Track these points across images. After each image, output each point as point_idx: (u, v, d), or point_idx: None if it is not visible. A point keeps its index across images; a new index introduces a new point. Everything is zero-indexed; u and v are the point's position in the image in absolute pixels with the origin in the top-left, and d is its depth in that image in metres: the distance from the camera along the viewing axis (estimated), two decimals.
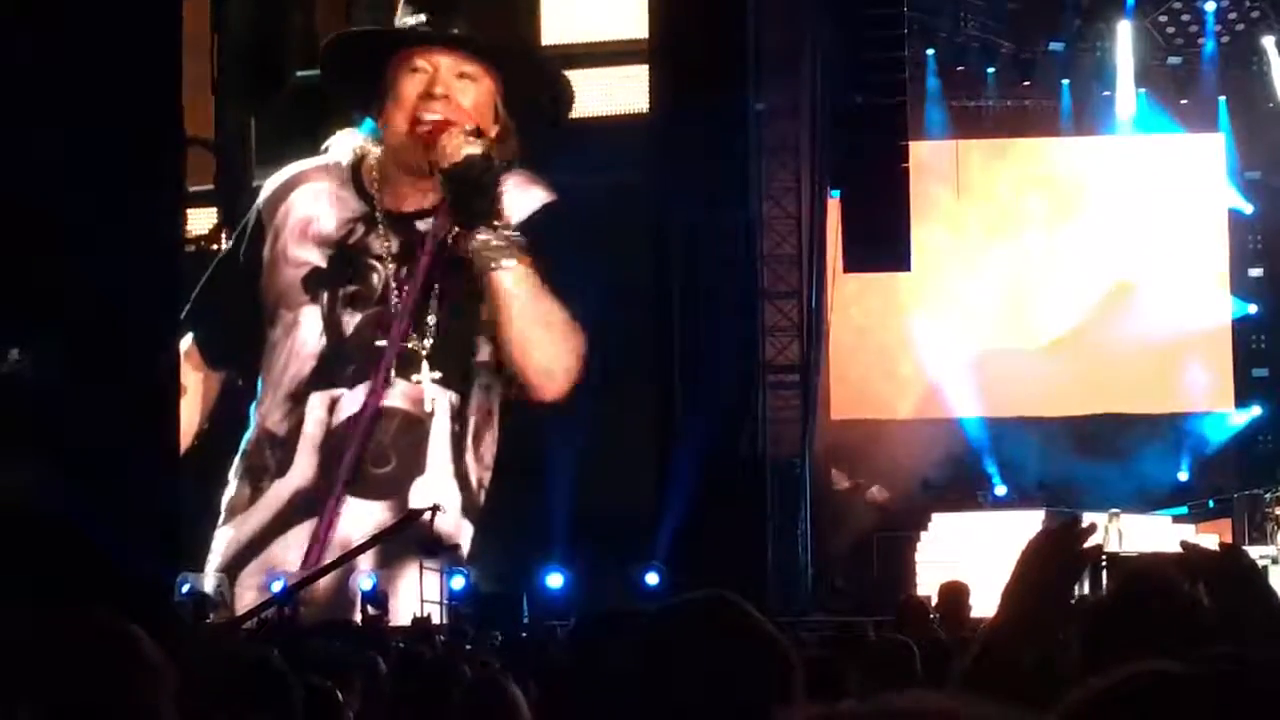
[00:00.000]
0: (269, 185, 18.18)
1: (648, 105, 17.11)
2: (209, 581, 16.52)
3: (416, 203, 17.65)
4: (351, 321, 17.49)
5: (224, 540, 17.21)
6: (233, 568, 16.99)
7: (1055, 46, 20.46)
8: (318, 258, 17.71)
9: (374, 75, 17.55)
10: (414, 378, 17.07)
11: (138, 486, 14.01)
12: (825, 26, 17.47)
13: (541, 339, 16.34)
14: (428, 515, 15.08)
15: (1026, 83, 20.67)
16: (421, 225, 17.47)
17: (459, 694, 4.62)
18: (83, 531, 13.34)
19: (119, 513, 13.72)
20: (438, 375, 16.97)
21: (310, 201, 17.94)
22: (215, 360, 17.83)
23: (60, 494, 14.53)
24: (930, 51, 19.91)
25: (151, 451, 14.54)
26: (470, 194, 16.54)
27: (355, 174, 17.86)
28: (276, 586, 14.38)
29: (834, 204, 18.13)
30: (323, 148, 18.03)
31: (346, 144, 18.01)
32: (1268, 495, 17.83)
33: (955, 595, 9.13)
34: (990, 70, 20.58)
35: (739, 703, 2.35)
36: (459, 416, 16.79)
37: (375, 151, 17.86)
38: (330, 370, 17.45)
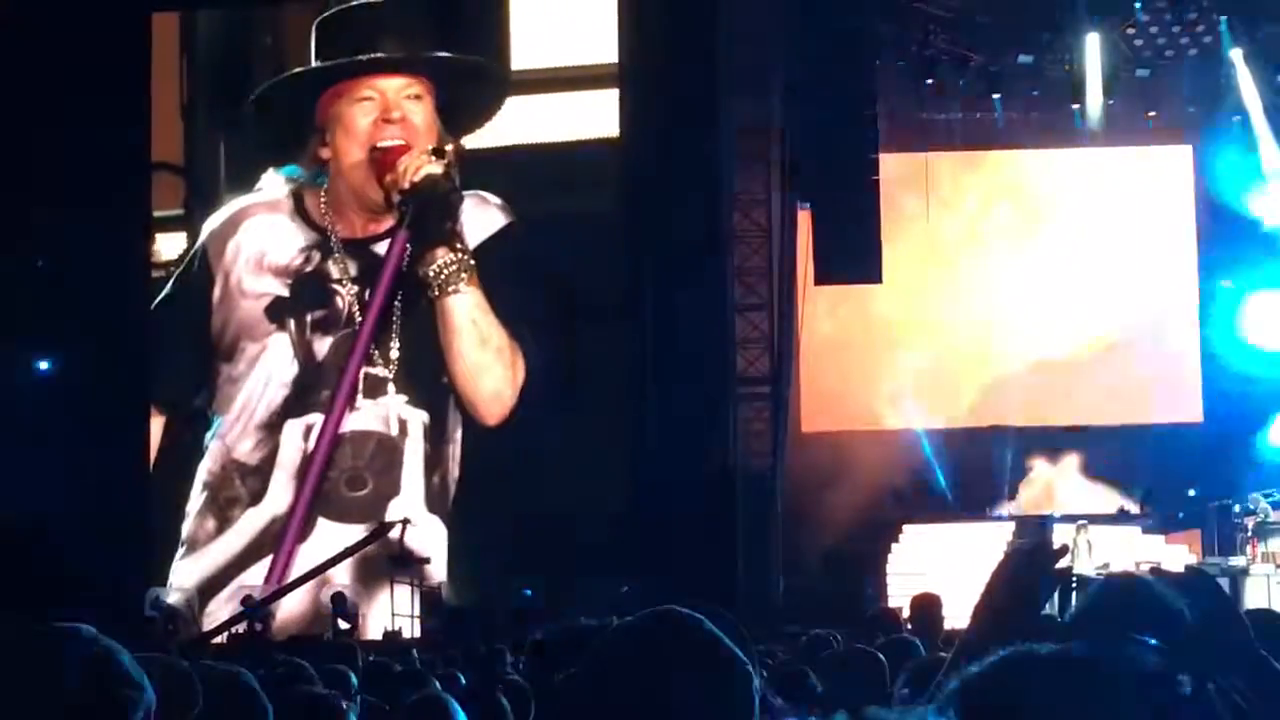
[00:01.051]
0: (209, 224, 18.17)
1: (618, 131, 17.12)
2: (176, 596, 16.46)
3: (372, 229, 17.61)
4: (323, 346, 17.48)
5: (185, 571, 17.06)
6: (202, 593, 16.88)
7: (1024, 59, 20.49)
8: (278, 287, 17.68)
9: (307, 116, 17.52)
10: (381, 400, 17.06)
11: (110, 501, 13.99)
12: (795, 42, 17.48)
13: (491, 364, 16.27)
14: (397, 529, 15.08)
15: (996, 95, 20.71)
16: (378, 248, 17.42)
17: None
18: (52, 544, 13.34)
19: (92, 525, 13.71)
20: (405, 398, 16.95)
21: (262, 234, 17.92)
22: (159, 397, 17.69)
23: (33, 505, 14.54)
24: (900, 64, 19.93)
25: (125, 466, 14.55)
26: (433, 215, 16.49)
27: (299, 205, 17.85)
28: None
29: (804, 216, 18.15)
30: (256, 187, 18.03)
31: (278, 181, 18.01)
32: (1236, 506, 17.91)
33: (928, 607, 9.17)
34: (960, 83, 20.61)
35: None
36: (430, 436, 16.75)
37: (313, 185, 17.84)
38: (305, 396, 17.44)
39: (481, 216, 16.84)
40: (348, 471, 16.99)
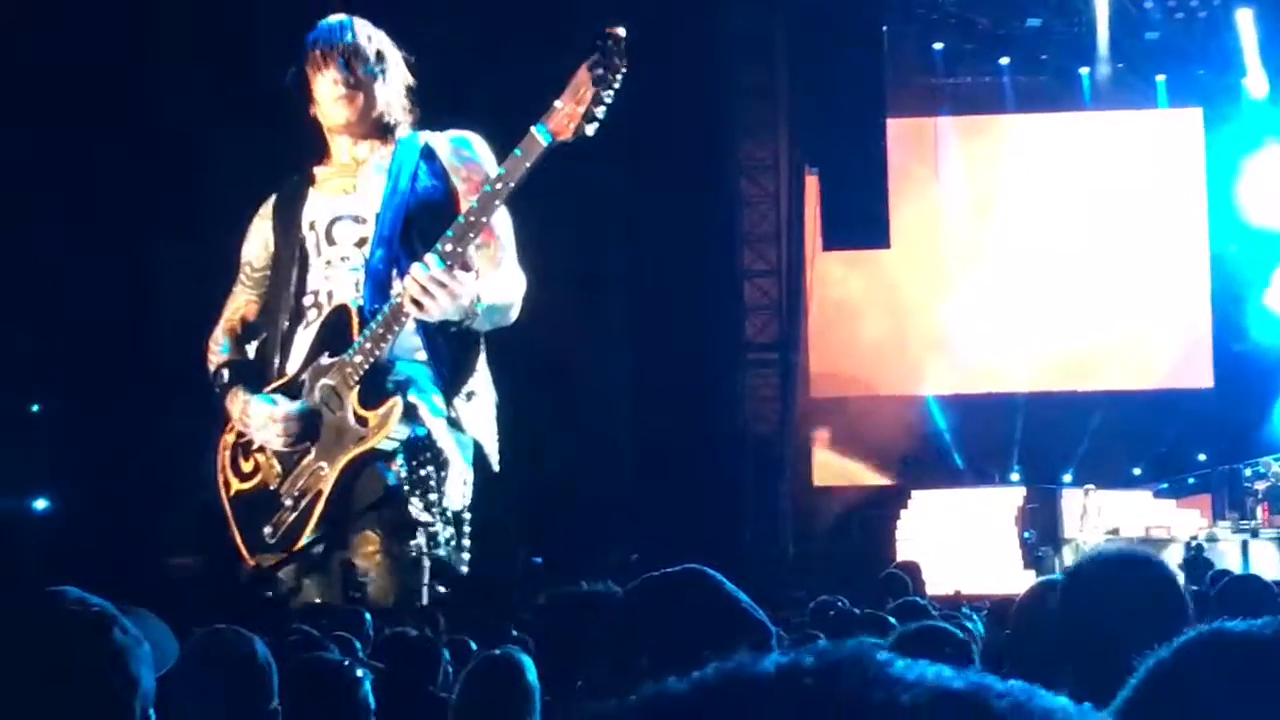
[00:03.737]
0: None
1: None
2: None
3: None
4: None
5: None
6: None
7: (1033, 22, 20.51)
8: None
9: None
10: None
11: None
12: (801, 6, 17.49)
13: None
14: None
15: (1004, 60, 20.74)
16: None
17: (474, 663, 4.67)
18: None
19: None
20: None
21: None
22: None
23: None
24: (908, 28, 19.94)
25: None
26: None
27: None
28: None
29: (812, 181, 18.19)
30: None
31: None
32: (1246, 470, 17.98)
33: (908, 573, 9.28)
34: (968, 47, 20.64)
35: None
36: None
37: None
38: None
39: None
40: None
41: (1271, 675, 1.44)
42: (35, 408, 15.47)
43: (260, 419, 9.23)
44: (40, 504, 14.94)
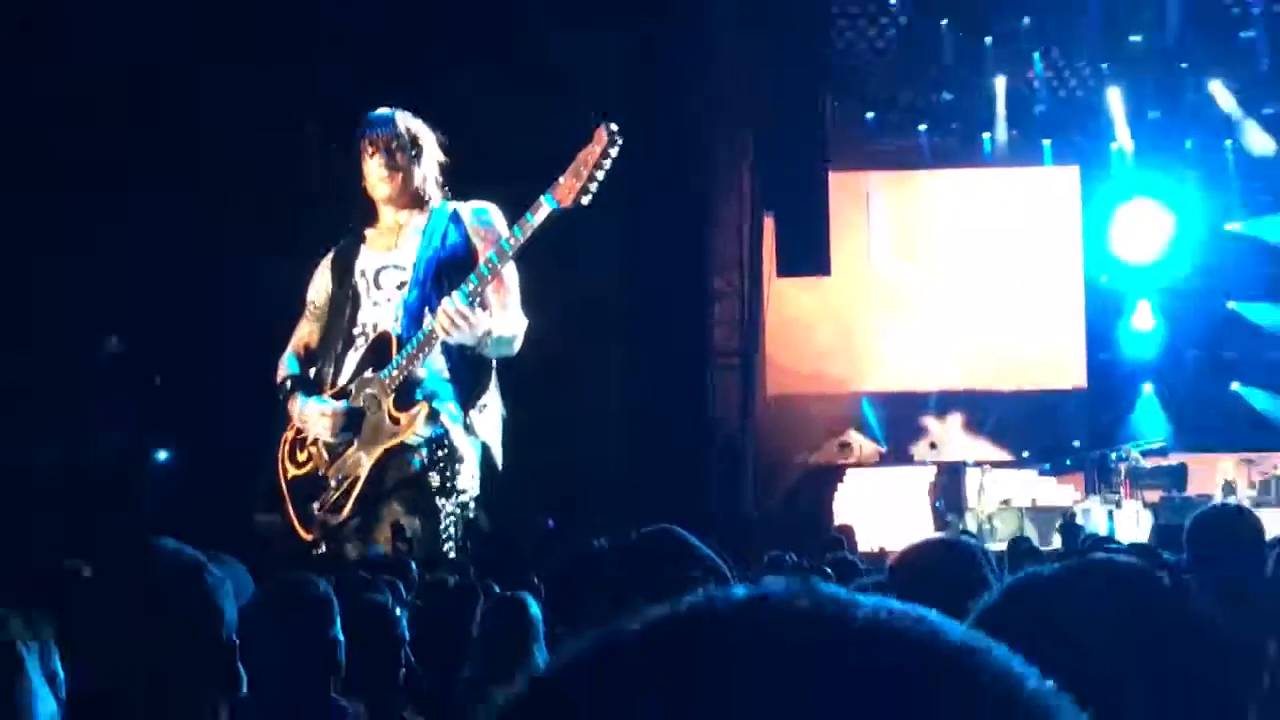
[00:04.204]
0: None
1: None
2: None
3: None
4: None
5: None
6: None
7: (946, 97, 20.58)
8: None
9: None
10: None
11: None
12: (762, 94, 17.50)
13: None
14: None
15: (922, 126, 20.77)
16: None
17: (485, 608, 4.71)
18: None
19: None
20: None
21: None
22: None
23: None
24: (846, 102, 19.98)
25: None
26: None
27: None
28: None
29: (769, 222, 18.20)
30: None
31: None
32: (1112, 455, 18.04)
33: (844, 535, 9.39)
34: (893, 116, 20.72)
35: None
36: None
37: None
38: None
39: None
40: None
41: (1062, 602, 1.44)
42: (158, 380, 15.49)
43: (314, 415, 9.55)
44: (161, 454, 15.01)
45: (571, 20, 14.82)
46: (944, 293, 20.62)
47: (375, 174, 9.61)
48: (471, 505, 9.66)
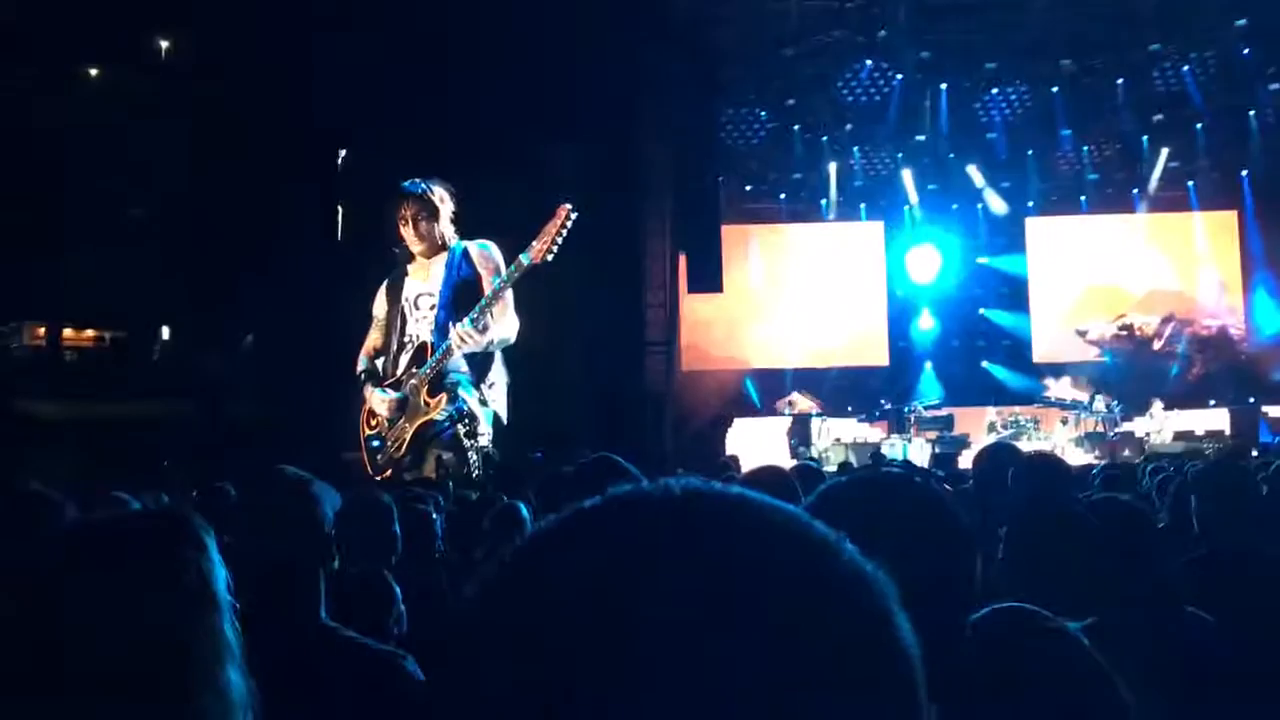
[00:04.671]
0: None
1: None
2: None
3: None
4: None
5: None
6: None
7: (796, 176, 20.66)
8: None
9: None
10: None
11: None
12: (677, 178, 17.50)
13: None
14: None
15: (782, 195, 20.85)
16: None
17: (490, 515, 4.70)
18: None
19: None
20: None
21: None
22: None
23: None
24: (733, 177, 20.02)
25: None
26: None
27: None
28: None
29: (683, 259, 18.23)
30: None
31: None
32: (905, 409, 18.18)
33: (732, 462, 9.44)
34: (764, 187, 20.79)
35: None
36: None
37: None
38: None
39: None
40: None
41: (852, 497, 1.44)
42: (249, 337, 15.32)
43: (378, 400, 9.55)
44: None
45: (550, 136, 14.73)
46: (796, 304, 20.72)
47: (409, 238, 9.65)
48: (489, 447, 9.71)
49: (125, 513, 1.52)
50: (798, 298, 20.71)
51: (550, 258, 8.89)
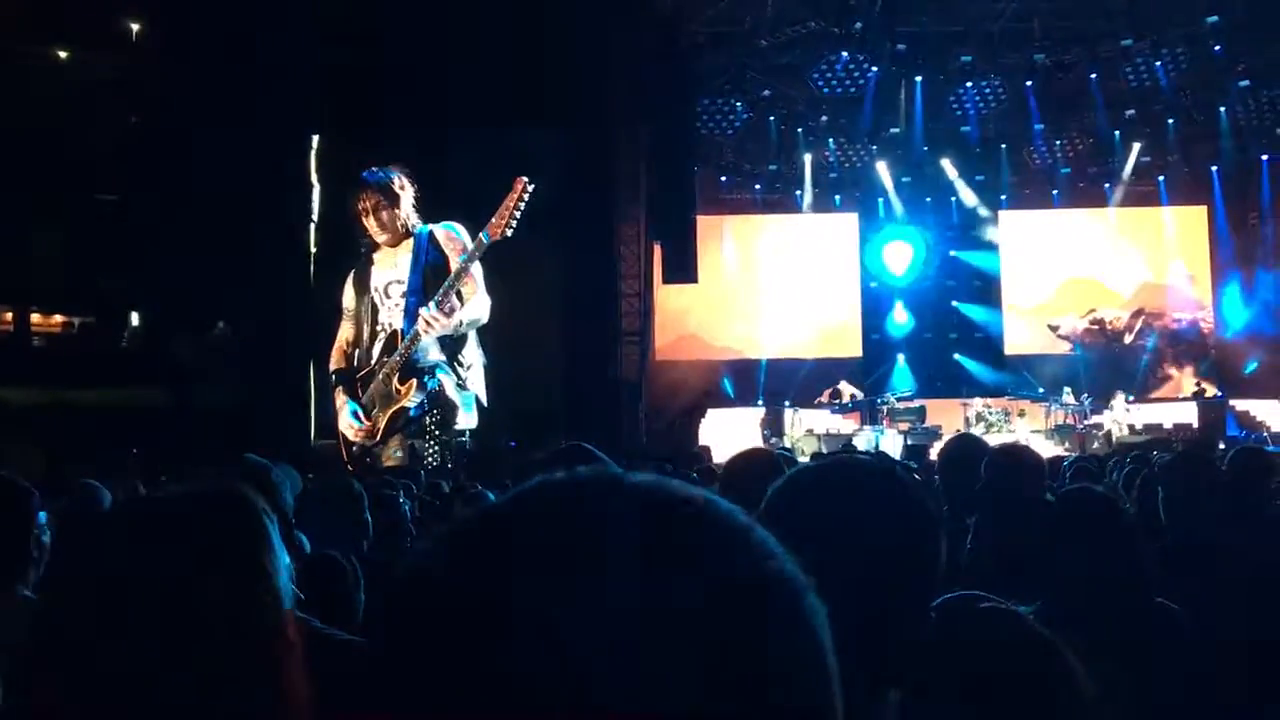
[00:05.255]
0: None
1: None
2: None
3: None
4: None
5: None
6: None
7: (773, 167, 20.68)
8: None
9: None
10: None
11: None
12: (651, 167, 17.47)
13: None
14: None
15: (758, 186, 20.88)
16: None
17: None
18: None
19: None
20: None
21: None
22: None
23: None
24: (708, 168, 20.02)
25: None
26: None
27: None
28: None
29: (658, 248, 18.23)
30: None
31: None
32: (878, 400, 18.25)
33: (704, 452, 9.44)
34: (738, 179, 20.80)
35: None
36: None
37: None
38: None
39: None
40: None
41: (819, 481, 1.44)
42: (221, 325, 15.17)
43: (344, 419, 9.48)
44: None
45: (525, 121, 14.61)
46: (771, 295, 20.77)
47: (372, 228, 9.55)
48: (465, 436, 9.67)
49: (180, 492, 1.41)
50: (772, 289, 20.75)
51: (510, 232, 8.84)
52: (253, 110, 13.60)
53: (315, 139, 14.96)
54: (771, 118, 19.76)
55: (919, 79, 19.06)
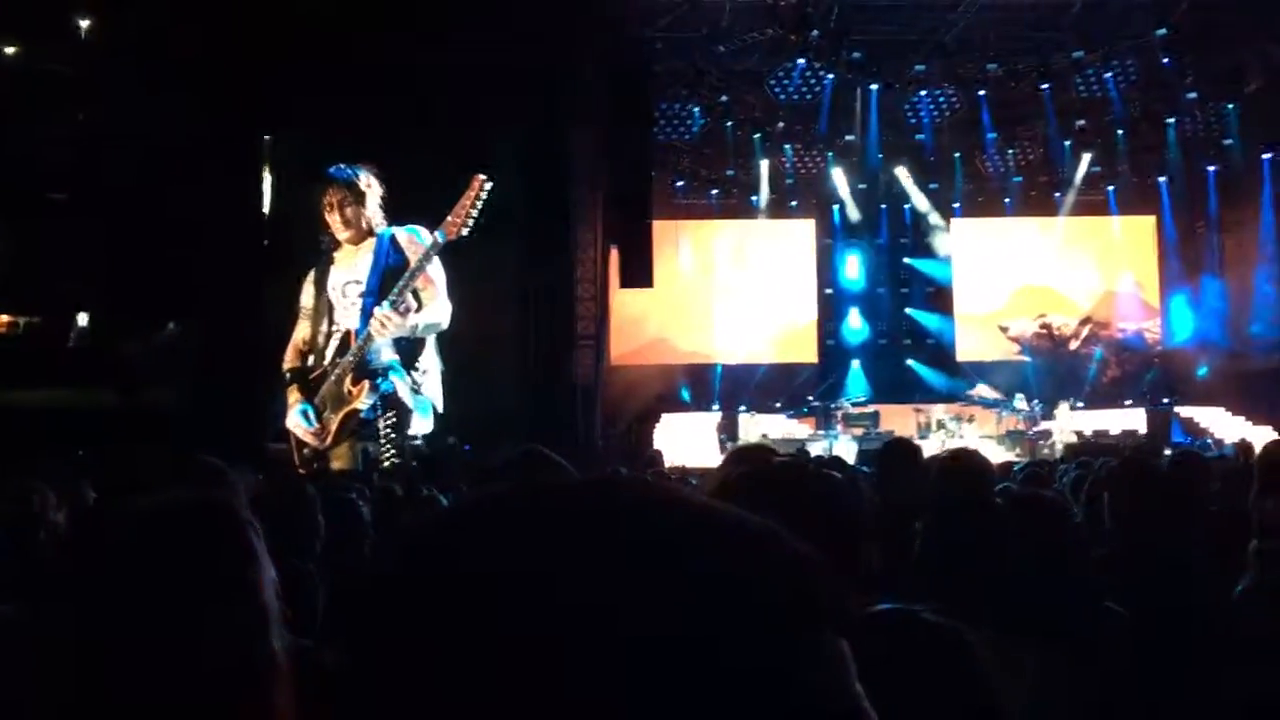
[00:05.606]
0: None
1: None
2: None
3: None
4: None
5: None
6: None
7: (729, 173, 20.75)
8: None
9: None
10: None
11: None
12: (609, 173, 17.48)
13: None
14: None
15: (714, 191, 20.94)
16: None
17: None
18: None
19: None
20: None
21: None
22: None
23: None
24: (664, 173, 20.02)
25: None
26: None
27: None
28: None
29: (614, 252, 18.22)
30: None
31: None
32: (833, 405, 18.36)
33: (658, 456, 9.44)
34: (694, 184, 20.86)
35: None
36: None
37: None
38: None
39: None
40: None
41: (766, 480, 1.47)
42: (171, 325, 14.96)
43: (294, 420, 9.35)
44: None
45: (482, 123, 14.55)
46: (727, 300, 20.83)
47: (335, 225, 9.38)
48: (418, 440, 9.56)
49: (161, 500, 1.31)
50: (729, 294, 20.81)
51: (466, 231, 8.76)
52: (203, 108, 13.44)
53: (267, 138, 14.81)
54: (729, 124, 19.84)
55: (874, 87, 19.22)
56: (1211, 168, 20.06)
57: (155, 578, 1.19)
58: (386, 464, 8.97)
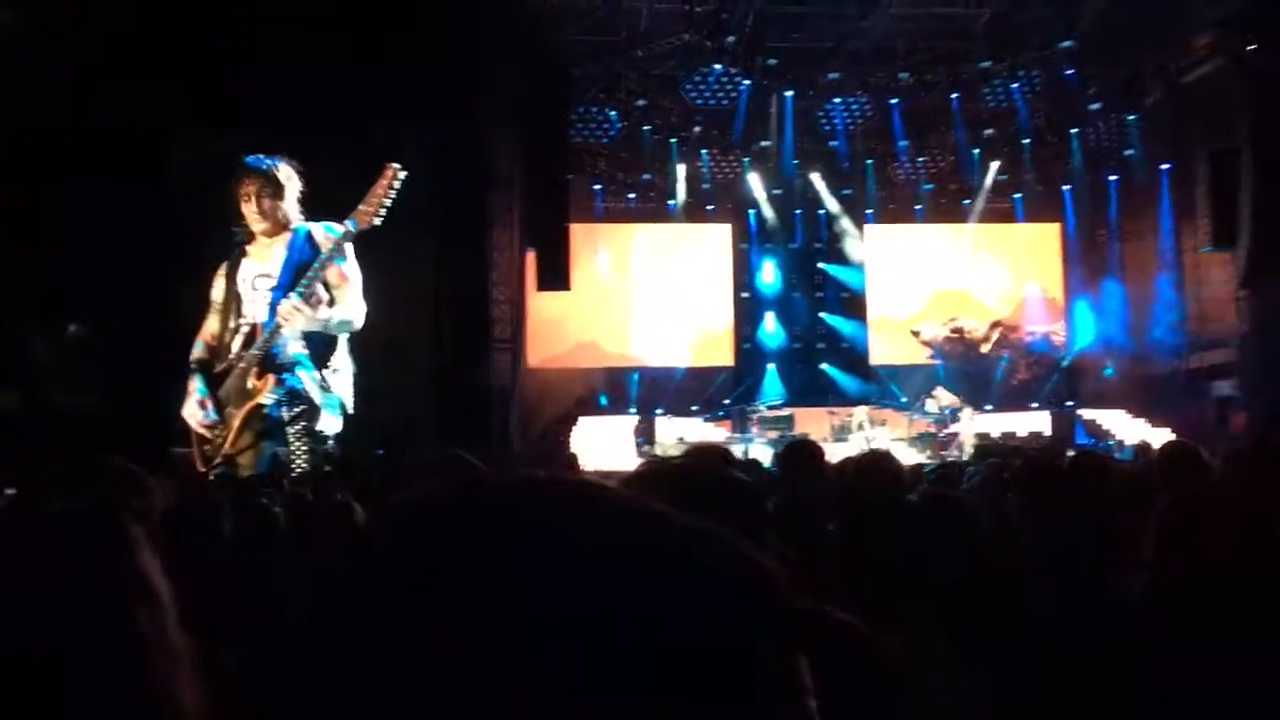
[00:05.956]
0: None
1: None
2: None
3: None
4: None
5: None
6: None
7: (646, 177, 20.80)
8: None
9: None
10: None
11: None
12: (527, 173, 17.41)
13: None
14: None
15: (631, 195, 20.97)
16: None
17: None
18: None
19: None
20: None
21: None
22: None
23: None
24: (581, 176, 19.99)
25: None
26: None
27: None
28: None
29: (531, 255, 18.14)
30: None
31: None
32: (749, 408, 18.50)
33: (574, 459, 9.45)
34: (612, 188, 20.88)
35: None
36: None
37: None
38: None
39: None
40: None
41: (673, 475, 1.49)
42: (71, 327, 14.58)
43: (191, 405, 9.15)
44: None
45: (396, 120, 14.35)
46: (645, 304, 20.88)
47: (250, 216, 9.16)
48: (328, 440, 9.36)
49: (48, 508, 1.27)
50: (646, 298, 20.86)
51: (379, 220, 8.64)
52: (112, 105, 13.09)
53: (176, 135, 14.47)
54: (646, 128, 19.90)
55: (789, 93, 19.43)
56: (1113, 177, 20.67)
57: (31, 583, 1.17)
58: (296, 468, 8.77)
